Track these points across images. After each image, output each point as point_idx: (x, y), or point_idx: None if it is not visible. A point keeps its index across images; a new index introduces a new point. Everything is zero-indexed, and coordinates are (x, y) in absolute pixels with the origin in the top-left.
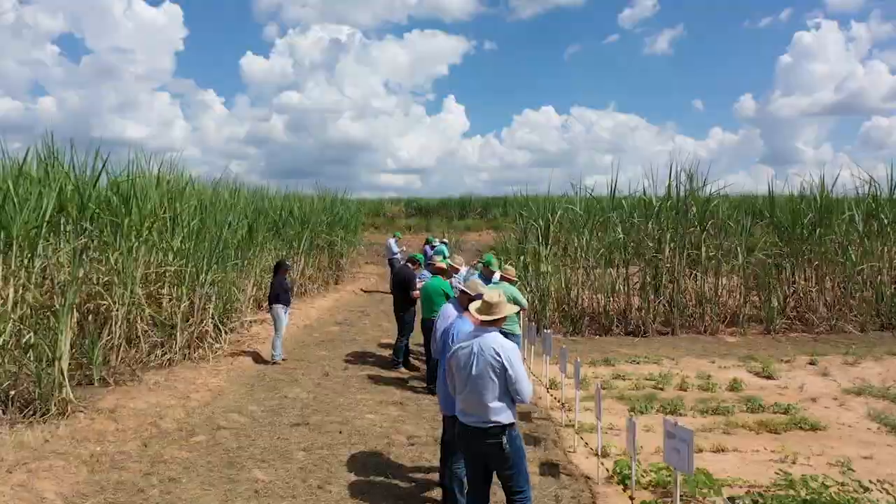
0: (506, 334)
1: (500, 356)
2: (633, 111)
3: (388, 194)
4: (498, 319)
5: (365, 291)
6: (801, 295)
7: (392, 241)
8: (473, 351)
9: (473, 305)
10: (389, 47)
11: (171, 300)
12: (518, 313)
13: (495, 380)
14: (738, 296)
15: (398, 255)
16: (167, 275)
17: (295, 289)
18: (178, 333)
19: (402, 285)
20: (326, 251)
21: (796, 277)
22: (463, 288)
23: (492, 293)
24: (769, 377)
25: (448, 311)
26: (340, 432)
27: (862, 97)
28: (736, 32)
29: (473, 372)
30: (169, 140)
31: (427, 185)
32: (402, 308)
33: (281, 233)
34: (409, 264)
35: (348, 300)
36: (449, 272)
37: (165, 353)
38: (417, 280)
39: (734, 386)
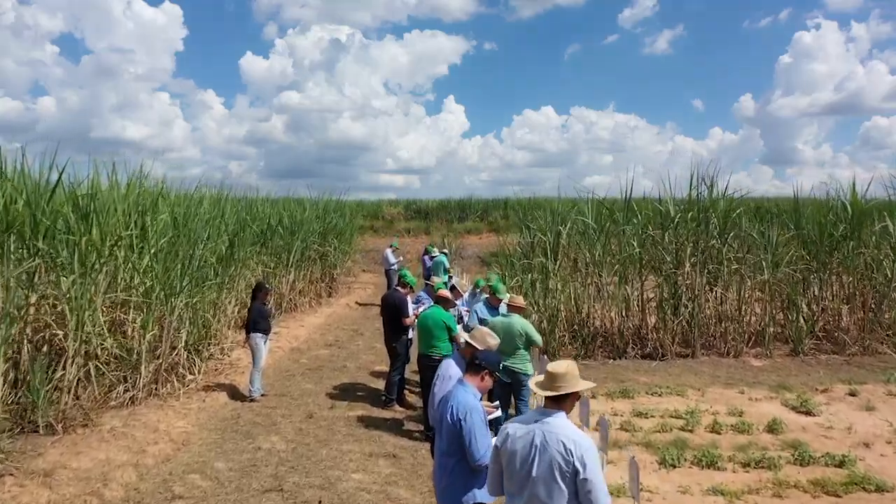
0: (515, 372)
1: (571, 454)
2: (633, 111)
3: (388, 195)
4: (565, 398)
5: (360, 304)
6: (831, 313)
7: (389, 251)
8: (535, 442)
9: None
10: (389, 47)
11: (137, 328)
12: (529, 349)
13: (562, 486)
14: (762, 314)
15: (395, 267)
16: (133, 299)
17: (284, 304)
18: (143, 367)
19: (391, 312)
20: (319, 262)
21: (825, 294)
22: (468, 339)
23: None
24: (808, 413)
25: (449, 369)
26: (320, 502)
27: (862, 97)
28: (736, 32)
29: (534, 472)
30: (169, 140)
31: (427, 185)
32: (393, 337)
33: (269, 244)
34: (399, 287)
35: (341, 315)
36: (450, 301)
37: (128, 389)
38: (419, 305)
39: (773, 427)
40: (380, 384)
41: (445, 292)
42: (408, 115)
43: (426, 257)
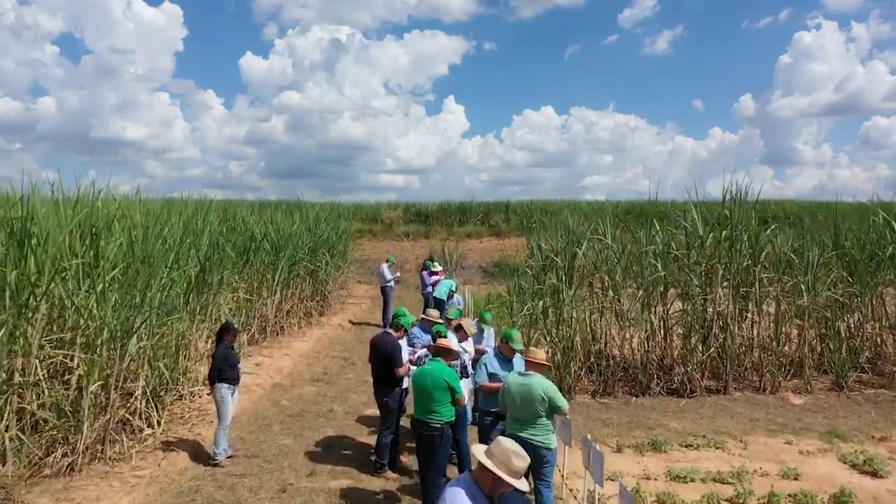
0: (534, 447)
1: None
2: (633, 111)
3: (388, 195)
4: None
5: (354, 324)
6: (878, 342)
7: (385, 266)
8: None
9: None
10: (389, 47)
11: (81, 376)
12: (551, 417)
13: None
14: (800, 343)
15: (391, 284)
16: (79, 340)
17: (269, 328)
18: (86, 425)
19: (381, 360)
20: (309, 279)
21: (868, 320)
22: (484, 461)
23: None
24: (874, 474)
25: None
26: None
27: (862, 97)
28: (736, 32)
29: None
30: (169, 140)
31: (427, 185)
32: (383, 390)
33: (253, 261)
34: (392, 331)
35: (333, 338)
36: (453, 353)
37: (67, 453)
38: (414, 350)
39: (841, 499)
40: (370, 437)
41: (447, 342)
42: (408, 116)
43: (425, 273)
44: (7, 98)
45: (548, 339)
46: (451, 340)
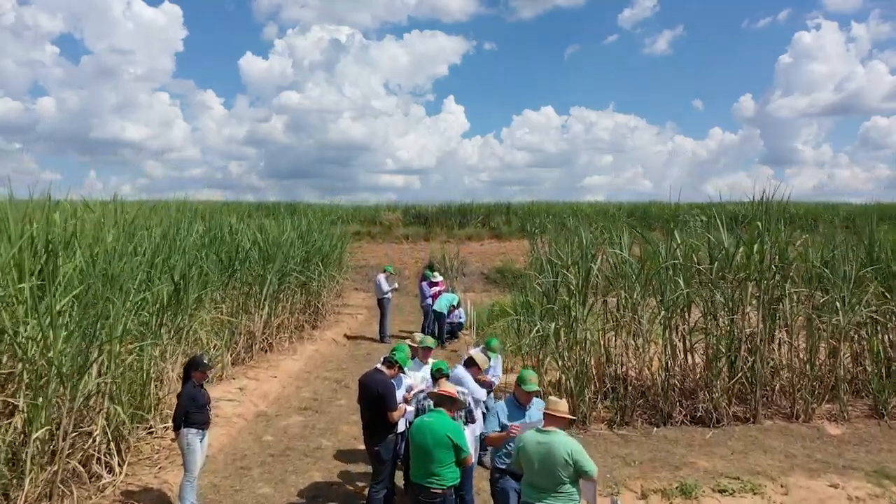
0: None
1: None
2: (633, 111)
3: (388, 195)
4: None
5: (349, 338)
6: None
7: (382, 277)
8: None
9: None
10: (389, 47)
11: (26, 421)
12: (576, 483)
13: None
14: (834, 365)
15: (388, 295)
16: (25, 377)
17: (255, 346)
18: (28, 480)
19: (372, 403)
20: (301, 291)
21: None
22: None
23: None
24: None
25: None
26: None
27: (862, 97)
28: (736, 32)
29: None
30: (168, 141)
31: (427, 185)
32: (375, 437)
33: (239, 273)
34: (385, 368)
35: (326, 356)
36: (458, 402)
37: None
38: (416, 385)
39: None
40: (362, 482)
41: (451, 388)
42: (408, 116)
43: (424, 283)
44: (7, 98)
45: (559, 363)
46: (466, 378)
